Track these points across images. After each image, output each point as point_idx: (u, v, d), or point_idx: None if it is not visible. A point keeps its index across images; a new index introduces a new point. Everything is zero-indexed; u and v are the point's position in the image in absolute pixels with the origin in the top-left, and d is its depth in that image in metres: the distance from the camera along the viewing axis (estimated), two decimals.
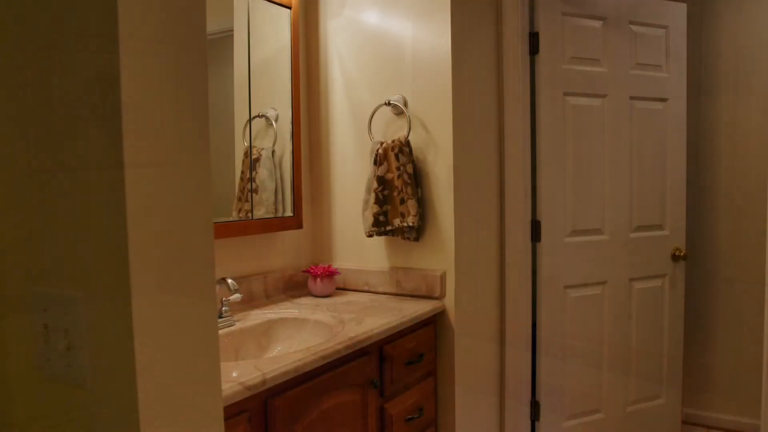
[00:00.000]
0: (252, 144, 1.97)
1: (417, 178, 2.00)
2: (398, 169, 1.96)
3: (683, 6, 2.55)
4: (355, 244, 2.20)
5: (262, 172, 2.01)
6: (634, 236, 2.52)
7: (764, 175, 2.67)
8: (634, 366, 2.55)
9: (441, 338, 2.00)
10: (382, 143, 2.00)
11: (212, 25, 1.82)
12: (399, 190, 1.96)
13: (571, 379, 2.43)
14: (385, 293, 2.10)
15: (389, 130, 2.08)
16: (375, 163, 2.00)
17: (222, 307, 1.69)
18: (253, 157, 1.98)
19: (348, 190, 2.20)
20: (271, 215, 2.04)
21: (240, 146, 1.94)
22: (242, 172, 1.95)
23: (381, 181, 1.99)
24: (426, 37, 1.98)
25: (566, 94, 2.35)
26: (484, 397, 2.18)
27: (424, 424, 1.88)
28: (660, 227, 2.58)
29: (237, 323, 1.70)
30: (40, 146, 0.77)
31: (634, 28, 2.46)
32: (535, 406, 2.38)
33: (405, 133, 2.01)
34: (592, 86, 2.40)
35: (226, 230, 1.83)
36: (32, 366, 0.81)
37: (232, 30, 1.90)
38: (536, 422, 2.38)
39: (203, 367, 0.81)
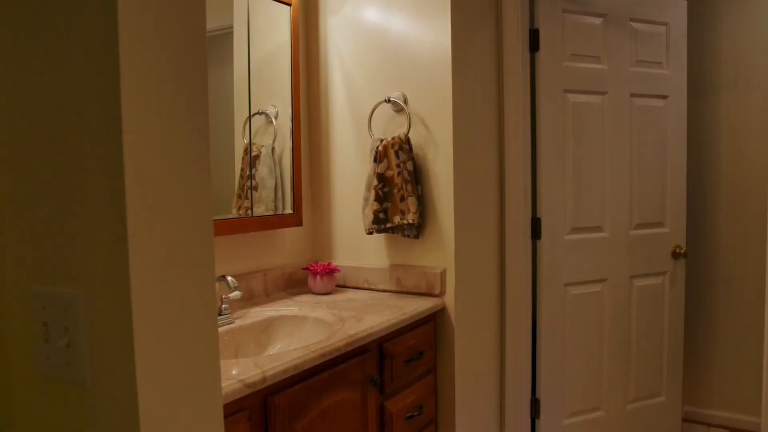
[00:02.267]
0: (252, 141, 1.97)
1: (417, 176, 2.00)
2: (398, 166, 1.96)
3: (684, 3, 2.55)
4: (355, 242, 2.19)
5: (262, 170, 2.01)
6: (635, 234, 2.52)
7: (765, 173, 2.67)
8: (634, 364, 2.55)
9: (441, 336, 2.00)
10: (382, 140, 1.99)
11: (212, 22, 1.82)
12: (399, 188, 1.96)
13: (571, 377, 2.43)
14: (385, 291, 2.10)
15: (389, 128, 2.07)
16: (375, 160, 2.00)
17: (221, 304, 1.68)
18: (253, 154, 1.98)
19: (348, 188, 2.20)
20: (271, 212, 2.04)
21: (240, 143, 1.93)
22: (242, 170, 1.94)
23: (381, 178, 1.99)
24: (426, 33, 1.97)
25: (566, 91, 2.35)
26: (484, 394, 2.18)
27: (424, 421, 1.88)
28: (660, 225, 2.58)
29: (236, 321, 1.70)
30: (41, 146, 0.77)
31: (634, 25, 2.45)
32: (535, 404, 2.38)
33: (405, 130, 2.00)
34: (593, 83, 2.39)
35: (225, 228, 1.83)
36: (32, 364, 0.81)
37: (231, 27, 1.89)
38: (536, 420, 2.39)
39: (203, 364, 0.81)
